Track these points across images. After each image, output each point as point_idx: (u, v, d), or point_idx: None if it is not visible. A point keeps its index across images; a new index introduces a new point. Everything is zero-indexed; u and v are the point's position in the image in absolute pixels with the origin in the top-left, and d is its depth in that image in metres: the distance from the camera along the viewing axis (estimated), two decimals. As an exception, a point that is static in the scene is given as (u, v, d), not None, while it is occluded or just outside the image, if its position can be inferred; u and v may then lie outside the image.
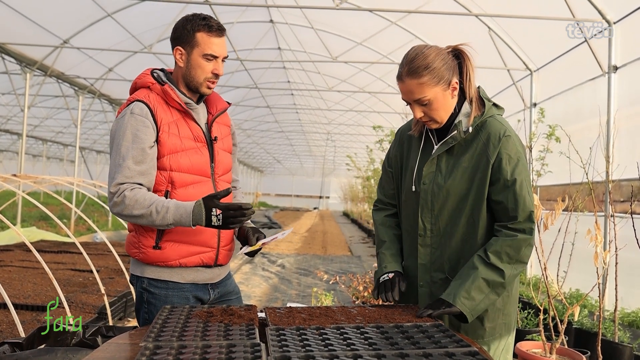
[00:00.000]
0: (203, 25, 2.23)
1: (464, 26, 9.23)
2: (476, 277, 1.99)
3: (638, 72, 6.28)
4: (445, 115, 2.09)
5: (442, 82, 2.02)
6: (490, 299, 2.01)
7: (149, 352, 1.54)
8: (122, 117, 2.23)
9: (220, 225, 2.12)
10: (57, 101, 16.45)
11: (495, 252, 2.02)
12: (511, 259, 2.02)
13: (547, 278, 3.66)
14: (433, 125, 2.12)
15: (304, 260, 11.71)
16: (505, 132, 2.07)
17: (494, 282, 2.00)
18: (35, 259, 7.89)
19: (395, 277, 2.14)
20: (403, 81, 2.04)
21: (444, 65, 2.03)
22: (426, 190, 2.14)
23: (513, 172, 2.04)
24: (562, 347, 3.48)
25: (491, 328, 2.12)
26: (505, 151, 2.04)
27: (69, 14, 10.16)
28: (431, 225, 2.15)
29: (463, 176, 2.08)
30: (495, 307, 2.12)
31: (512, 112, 9.39)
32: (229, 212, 2.09)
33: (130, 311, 6.00)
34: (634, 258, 4.96)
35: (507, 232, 2.03)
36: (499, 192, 2.05)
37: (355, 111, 19.23)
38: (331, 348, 1.56)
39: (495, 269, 2.00)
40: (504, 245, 2.01)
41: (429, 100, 2.03)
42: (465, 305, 1.96)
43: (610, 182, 4.42)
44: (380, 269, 2.23)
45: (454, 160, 2.11)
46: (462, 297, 1.97)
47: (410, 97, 2.05)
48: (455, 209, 2.11)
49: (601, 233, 3.46)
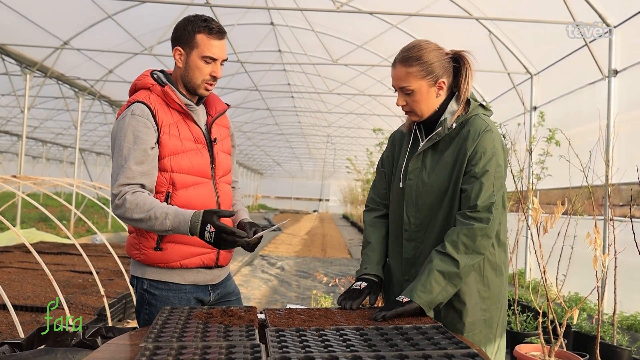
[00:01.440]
0: (204, 27, 2.23)
1: (465, 29, 9.24)
2: (431, 270, 2.01)
3: (638, 76, 6.29)
4: (426, 109, 2.15)
5: (430, 77, 2.10)
6: (447, 291, 2.01)
7: (149, 352, 1.54)
8: (123, 118, 2.23)
9: (212, 243, 2.09)
10: (57, 102, 16.45)
11: (452, 242, 2.03)
12: (467, 248, 2.02)
13: (547, 281, 3.66)
14: (413, 117, 2.20)
15: (304, 263, 11.71)
16: (486, 127, 2.11)
17: (449, 273, 2.00)
18: (34, 260, 7.89)
19: (365, 289, 2.15)
20: (395, 67, 2.15)
21: (436, 63, 2.10)
22: (411, 186, 2.19)
23: (485, 164, 2.06)
24: (561, 350, 3.48)
25: (470, 323, 2.11)
26: (482, 144, 2.08)
27: (69, 15, 10.16)
28: (415, 220, 2.20)
29: (444, 171, 2.14)
30: (472, 302, 2.12)
31: (512, 115, 9.40)
32: (221, 234, 2.06)
33: (130, 312, 6.00)
34: (633, 262, 4.96)
35: (464, 221, 2.04)
36: (466, 181, 2.09)
37: (356, 114, 19.23)
38: (331, 349, 1.56)
39: (450, 259, 2.01)
40: (460, 234, 2.03)
41: (412, 91, 2.11)
42: (422, 298, 1.97)
43: (609, 185, 4.43)
44: (362, 269, 2.27)
45: (439, 156, 2.17)
46: (419, 291, 1.98)
47: (397, 83, 2.15)
48: (436, 202, 2.16)
49: (600, 237, 3.47)
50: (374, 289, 2.16)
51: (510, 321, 5.32)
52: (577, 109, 7.68)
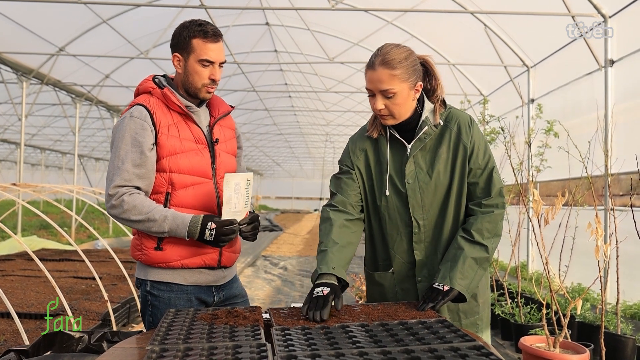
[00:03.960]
0: (199, 31, 2.25)
1: (460, 24, 9.25)
2: (465, 257, 2.09)
3: (635, 65, 6.29)
4: (404, 112, 2.15)
5: (410, 80, 2.10)
6: (479, 274, 2.12)
7: (155, 355, 1.55)
8: (122, 120, 2.27)
9: (212, 241, 2.19)
10: (55, 109, 16.45)
11: (477, 230, 2.14)
12: (491, 233, 2.15)
13: (549, 273, 3.67)
14: (389, 120, 2.17)
15: (306, 262, 11.71)
16: (471, 119, 2.24)
17: (481, 259, 2.12)
18: (37, 268, 7.89)
19: (329, 295, 1.96)
20: (375, 69, 2.08)
21: (414, 67, 2.12)
22: (414, 188, 2.19)
23: (484, 154, 2.19)
24: (565, 341, 3.49)
25: (483, 303, 2.28)
26: (476, 137, 2.19)
27: (64, 22, 10.15)
28: (423, 221, 2.21)
29: (445, 167, 2.19)
30: (482, 284, 2.26)
31: (510, 108, 9.41)
32: (222, 228, 2.18)
33: (134, 317, 6.01)
34: (635, 251, 4.97)
35: (484, 210, 2.17)
36: (474, 175, 2.19)
37: (354, 112, 19.22)
38: (337, 346, 1.56)
39: (480, 246, 2.13)
40: (483, 222, 2.15)
41: (394, 94, 2.09)
42: (462, 285, 2.06)
43: (609, 175, 4.43)
44: (327, 267, 2.07)
45: (430, 154, 2.20)
46: (458, 278, 2.06)
47: (378, 86, 2.09)
48: (443, 200, 2.20)
49: (601, 226, 3.47)
50: (337, 293, 2.00)
51: (515, 313, 5.33)
52: (574, 100, 7.68)
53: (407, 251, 2.24)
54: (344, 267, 2.11)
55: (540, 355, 3.35)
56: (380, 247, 2.31)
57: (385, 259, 2.30)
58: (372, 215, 2.31)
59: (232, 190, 2.18)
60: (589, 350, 3.39)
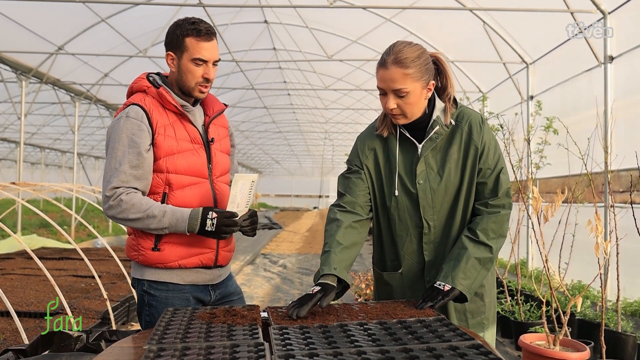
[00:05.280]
0: (191, 29, 2.23)
1: (459, 21, 9.23)
2: (469, 257, 2.07)
3: (634, 62, 6.28)
4: (416, 112, 2.12)
5: (423, 79, 2.07)
6: (482, 275, 2.10)
7: (152, 354, 1.54)
8: (118, 120, 2.24)
9: (213, 232, 2.16)
10: (54, 108, 16.44)
11: (482, 230, 2.11)
12: (496, 234, 2.13)
13: (549, 270, 3.66)
14: (401, 120, 2.13)
15: (306, 260, 11.71)
16: (482, 118, 2.20)
17: (485, 259, 2.09)
18: (36, 267, 7.89)
19: (316, 293, 1.93)
20: (387, 68, 2.05)
21: (427, 65, 2.08)
22: (425, 189, 2.17)
23: (494, 155, 2.17)
24: (565, 339, 3.47)
25: (489, 302, 2.25)
26: (487, 138, 2.17)
27: (63, 21, 10.13)
28: (433, 222, 2.19)
29: (456, 168, 2.16)
30: (488, 283, 2.24)
31: (509, 105, 9.39)
32: (223, 219, 2.16)
33: (133, 316, 6.00)
34: (635, 248, 4.97)
35: (490, 210, 2.15)
36: (483, 175, 2.16)
37: (352, 109, 19.22)
38: (335, 345, 1.55)
39: (484, 246, 2.10)
40: (489, 222, 2.12)
41: (407, 93, 2.05)
42: (463, 285, 2.03)
43: (609, 172, 4.42)
44: (329, 268, 2.04)
45: (441, 154, 2.18)
46: (460, 278, 2.03)
47: (391, 85, 2.05)
48: (453, 200, 2.18)
49: (601, 223, 3.46)
50: (327, 292, 1.96)
51: (514, 311, 5.32)
52: (574, 96, 7.67)
53: (417, 252, 2.22)
54: (346, 268, 2.08)
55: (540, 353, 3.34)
56: (389, 248, 2.29)
57: (394, 260, 2.28)
58: (380, 215, 2.28)
59: (238, 190, 2.18)
60: (589, 347, 3.38)
